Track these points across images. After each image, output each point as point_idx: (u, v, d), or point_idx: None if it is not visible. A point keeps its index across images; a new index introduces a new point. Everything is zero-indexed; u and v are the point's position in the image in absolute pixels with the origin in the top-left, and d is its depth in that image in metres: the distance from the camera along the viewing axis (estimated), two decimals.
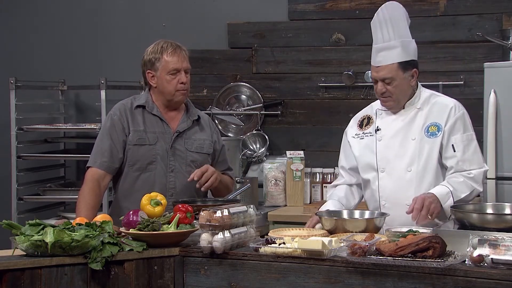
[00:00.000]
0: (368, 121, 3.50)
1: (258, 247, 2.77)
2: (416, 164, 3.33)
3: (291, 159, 4.97)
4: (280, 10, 5.35)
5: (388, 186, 3.36)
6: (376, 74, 3.33)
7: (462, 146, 3.31)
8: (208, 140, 3.67)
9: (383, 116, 3.45)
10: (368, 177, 3.44)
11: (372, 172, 3.42)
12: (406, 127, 3.38)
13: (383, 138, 3.41)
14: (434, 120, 3.35)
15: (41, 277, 2.71)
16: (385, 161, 3.38)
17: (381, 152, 3.39)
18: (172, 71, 3.53)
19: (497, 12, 4.87)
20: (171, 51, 3.53)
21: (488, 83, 4.31)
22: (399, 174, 3.35)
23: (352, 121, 3.59)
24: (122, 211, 3.33)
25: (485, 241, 2.51)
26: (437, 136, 3.32)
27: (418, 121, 3.37)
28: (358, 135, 3.50)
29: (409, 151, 3.35)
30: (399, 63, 3.29)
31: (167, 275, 2.86)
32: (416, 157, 3.33)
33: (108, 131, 3.56)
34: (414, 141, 3.35)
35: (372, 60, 3.36)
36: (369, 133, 3.47)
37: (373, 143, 3.43)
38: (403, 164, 3.35)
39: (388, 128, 3.42)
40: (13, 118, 5.07)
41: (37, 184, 5.35)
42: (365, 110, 3.58)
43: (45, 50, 5.81)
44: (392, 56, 3.29)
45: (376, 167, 3.40)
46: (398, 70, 3.29)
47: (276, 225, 4.54)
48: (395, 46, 3.29)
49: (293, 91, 5.32)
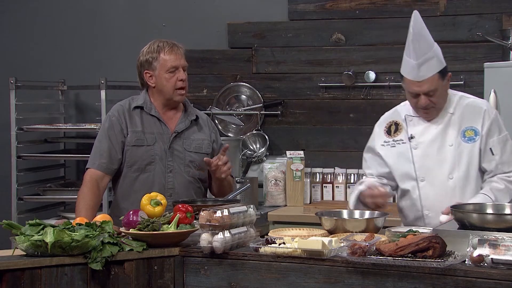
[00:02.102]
0: (396, 127, 3.42)
1: (258, 247, 2.77)
2: (457, 171, 3.28)
3: (291, 159, 4.98)
4: (280, 10, 5.35)
5: (430, 195, 3.30)
6: (419, 88, 3.22)
7: (499, 148, 3.26)
8: (206, 140, 3.67)
9: (415, 123, 3.38)
10: (407, 186, 3.37)
11: (410, 181, 3.35)
12: (442, 134, 3.32)
13: (419, 146, 3.34)
14: (470, 124, 3.29)
15: (41, 277, 2.71)
16: (425, 170, 3.31)
17: (419, 160, 3.33)
18: (170, 69, 3.53)
19: (497, 12, 4.86)
20: (168, 49, 3.54)
21: (488, 83, 4.31)
22: (441, 182, 3.29)
23: (377, 128, 3.49)
24: (121, 211, 3.33)
25: (485, 241, 2.51)
26: (475, 141, 3.28)
27: (453, 126, 3.31)
28: (388, 142, 3.42)
29: (448, 158, 3.29)
30: (439, 72, 3.22)
31: (167, 275, 2.86)
32: (457, 163, 3.28)
33: (106, 132, 3.56)
34: (452, 147, 3.29)
35: (410, 75, 3.23)
36: (401, 140, 3.39)
37: (408, 151, 3.35)
38: (444, 171, 3.29)
39: (422, 135, 3.34)
40: (13, 118, 5.07)
41: (37, 184, 5.36)
42: (390, 116, 3.48)
43: (45, 50, 5.81)
44: (432, 67, 3.21)
45: (415, 176, 3.33)
46: (439, 80, 3.22)
47: (276, 225, 4.54)
48: (432, 56, 3.21)
49: (293, 91, 5.32)
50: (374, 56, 5.11)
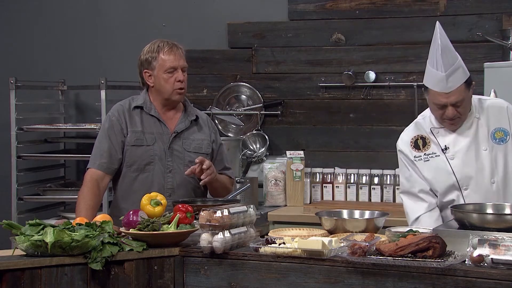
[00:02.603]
0: (424, 141, 3.37)
1: (258, 247, 2.77)
2: (496, 174, 3.27)
3: (291, 159, 4.97)
4: (280, 10, 5.35)
5: (476, 201, 3.22)
6: (446, 100, 3.19)
7: None
8: (206, 140, 3.67)
9: (444, 134, 3.34)
10: (452, 197, 3.32)
11: (454, 191, 3.31)
12: (474, 140, 3.30)
13: (455, 155, 3.30)
14: (497, 126, 3.29)
15: (41, 277, 2.71)
16: (467, 178, 3.29)
17: (459, 170, 3.29)
18: (169, 70, 3.53)
19: (497, 12, 4.86)
20: (167, 49, 3.54)
21: (488, 83, 4.31)
22: (484, 188, 3.27)
23: (402, 145, 3.41)
24: (120, 211, 3.33)
25: (485, 241, 2.51)
26: (506, 141, 3.27)
27: (482, 130, 3.30)
28: (420, 157, 3.36)
29: (486, 163, 3.27)
30: (465, 82, 3.21)
31: (167, 275, 2.86)
32: (495, 167, 3.27)
33: (106, 132, 3.56)
34: (486, 152, 3.28)
35: (437, 87, 3.19)
36: (434, 153, 3.34)
37: (445, 163, 3.31)
38: (486, 177, 3.27)
39: (456, 145, 3.31)
40: (13, 118, 5.07)
41: (37, 184, 5.36)
42: (413, 131, 3.41)
43: (45, 50, 5.82)
44: (459, 77, 3.18)
45: (458, 186, 3.30)
46: (466, 90, 3.21)
47: (276, 225, 4.54)
48: (458, 67, 3.19)
49: (293, 91, 5.32)
50: (374, 56, 5.11)
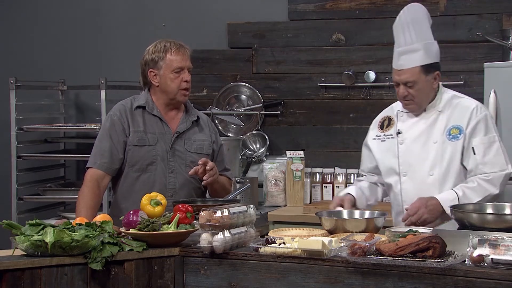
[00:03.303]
0: (389, 122, 3.46)
1: (258, 247, 2.77)
2: (438, 167, 3.30)
3: (291, 159, 4.97)
4: (280, 10, 5.35)
5: (410, 190, 3.33)
6: (398, 77, 3.27)
7: (482, 149, 3.25)
8: (207, 140, 3.67)
9: (404, 119, 3.41)
10: (391, 181, 3.41)
11: (394, 176, 3.40)
12: (428, 130, 3.34)
13: (404, 141, 3.38)
14: (456, 123, 3.31)
15: (41, 277, 2.71)
16: (407, 165, 3.35)
17: (403, 156, 3.36)
18: (176, 70, 3.53)
19: (497, 12, 4.86)
20: (175, 50, 3.54)
21: (488, 83, 4.31)
22: (421, 178, 3.32)
23: (373, 124, 3.56)
24: (121, 211, 3.32)
25: (485, 241, 2.51)
26: (459, 139, 3.29)
27: (440, 124, 3.33)
28: (379, 136, 3.48)
29: (431, 155, 3.31)
30: (422, 66, 3.24)
31: (167, 275, 2.86)
32: (438, 160, 3.30)
33: (108, 132, 3.55)
34: (436, 145, 3.31)
35: (394, 63, 3.30)
36: (390, 135, 3.43)
37: (394, 146, 3.40)
38: (426, 168, 3.31)
39: (409, 131, 3.38)
40: (13, 118, 5.08)
41: (37, 184, 5.36)
42: (386, 111, 3.54)
43: (45, 50, 5.82)
44: (414, 59, 3.23)
45: (398, 171, 3.37)
46: (421, 73, 3.24)
47: (276, 225, 4.54)
48: (417, 49, 3.24)
49: (293, 91, 5.32)
50: (374, 56, 5.11)
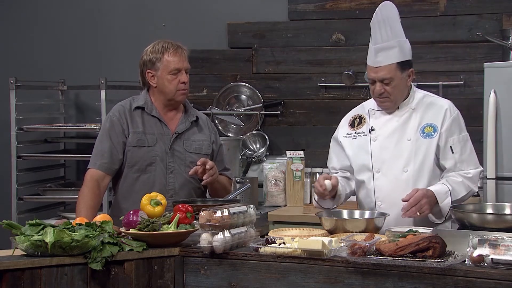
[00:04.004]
0: (360, 120, 3.49)
1: (258, 247, 2.77)
2: (412, 164, 3.32)
3: (291, 159, 4.97)
4: (280, 10, 5.35)
5: (384, 186, 3.35)
6: (375, 74, 3.31)
7: (459, 147, 3.32)
8: (207, 141, 3.67)
9: (377, 116, 3.44)
10: (363, 178, 3.43)
11: (367, 172, 3.41)
12: (401, 128, 3.37)
13: (377, 138, 3.40)
14: (430, 121, 3.34)
15: (41, 277, 2.71)
16: (381, 162, 3.37)
17: (376, 152, 3.38)
18: (173, 71, 3.53)
19: (497, 12, 4.87)
20: (172, 51, 3.54)
21: (488, 83, 4.31)
22: (395, 174, 3.34)
23: (343, 121, 3.58)
24: (121, 212, 3.32)
25: (485, 241, 2.51)
26: (433, 137, 3.32)
27: (413, 122, 3.36)
28: (350, 134, 3.49)
29: (405, 152, 3.34)
30: (398, 63, 3.28)
31: (167, 275, 2.86)
32: (412, 157, 3.33)
33: (107, 133, 3.56)
34: (409, 142, 3.34)
35: (369, 61, 3.34)
36: (362, 133, 3.45)
37: (367, 143, 3.41)
38: (399, 164, 3.34)
39: (382, 128, 3.40)
40: (13, 118, 5.08)
41: (37, 184, 5.36)
42: (356, 110, 3.56)
43: (45, 50, 5.82)
44: (391, 56, 3.28)
45: (371, 168, 3.39)
46: (397, 70, 3.28)
47: (276, 225, 4.54)
48: (393, 46, 3.28)
49: (293, 91, 5.32)
50: None
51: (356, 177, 3.47)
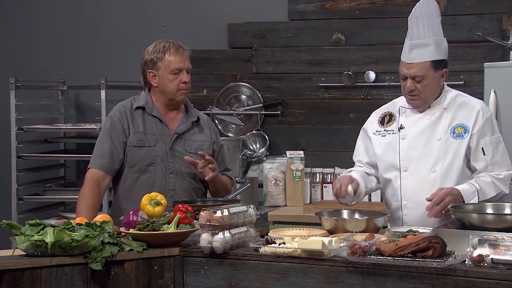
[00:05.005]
0: (390, 118, 3.43)
1: (258, 247, 2.77)
2: (440, 164, 3.27)
3: (291, 159, 4.98)
4: (280, 10, 5.35)
5: (410, 186, 3.30)
6: (407, 71, 3.24)
7: (491, 149, 3.26)
8: (207, 141, 3.67)
9: (407, 114, 3.39)
10: (390, 176, 3.38)
11: (394, 171, 3.36)
12: (431, 127, 3.32)
13: (406, 136, 3.35)
14: (461, 122, 3.29)
15: (41, 277, 2.71)
16: (409, 161, 3.32)
17: (404, 151, 3.33)
18: (174, 71, 3.53)
19: (497, 12, 4.87)
20: (173, 50, 3.54)
21: (488, 83, 4.31)
22: (422, 174, 3.29)
23: (373, 117, 3.52)
24: (121, 212, 3.32)
25: (485, 241, 2.51)
26: (463, 137, 3.27)
27: (444, 122, 3.31)
28: (380, 132, 3.44)
29: (434, 152, 3.29)
30: (432, 61, 3.22)
31: (167, 275, 2.86)
32: (441, 158, 3.28)
33: (108, 133, 3.56)
34: (439, 142, 3.29)
35: (403, 56, 3.27)
36: (392, 130, 3.40)
37: (396, 141, 3.37)
38: (428, 164, 3.29)
39: (412, 127, 3.35)
40: (13, 118, 5.08)
41: (37, 184, 5.36)
42: (387, 107, 3.51)
43: (45, 50, 5.82)
44: (426, 53, 3.22)
45: (398, 167, 3.34)
46: (430, 69, 3.22)
47: (276, 225, 4.54)
48: (429, 43, 3.22)
49: (293, 91, 5.32)
50: (374, 56, 5.11)
51: (383, 176, 3.42)
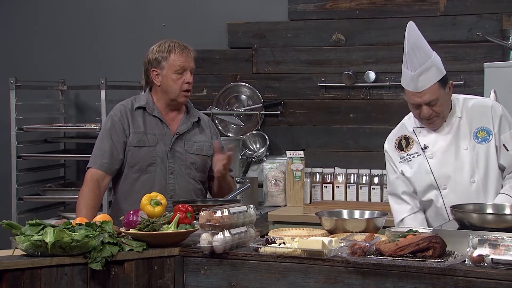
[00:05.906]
0: (407, 141, 3.38)
1: (258, 247, 2.77)
2: (477, 173, 3.24)
3: (291, 159, 4.97)
4: (280, 10, 5.35)
5: (454, 201, 3.18)
6: (419, 99, 3.20)
7: None
8: (208, 142, 3.67)
9: (425, 133, 3.34)
10: (430, 197, 3.32)
11: (433, 191, 3.30)
12: (455, 139, 3.29)
13: (434, 155, 3.30)
14: (480, 125, 3.27)
15: (41, 277, 2.71)
16: (445, 178, 3.28)
17: (437, 170, 3.29)
18: (179, 70, 3.53)
19: (497, 12, 4.86)
20: (179, 50, 3.54)
21: (488, 83, 4.31)
22: (463, 187, 3.26)
23: (388, 146, 3.43)
24: (121, 212, 3.32)
25: (485, 241, 2.51)
26: (489, 140, 3.25)
27: (464, 130, 3.28)
28: (404, 158, 3.37)
29: (466, 162, 3.25)
30: (438, 81, 3.20)
31: (167, 275, 2.86)
32: (475, 166, 3.24)
33: (108, 132, 3.56)
34: (467, 151, 3.26)
35: (409, 86, 3.22)
36: (416, 153, 3.34)
37: (424, 162, 3.31)
38: (465, 176, 3.25)
39: (436, 144, 3.31)
40: (13, 118, 5.08)
41: (37, 184, 5.36)
42: (398, 132, 3.44)
43: (45, 50, 5.82)
44: (431, 77, 3.19)
45: (436, 185, 3.29)
46: (440, 89, 3.20)
47: (276, 225, 4.54)
48: (430, 66, 3.20)
49: (293, 91, 5.32)
50: (374, 56, 5.11)
51: (421, 198, 3.35)
